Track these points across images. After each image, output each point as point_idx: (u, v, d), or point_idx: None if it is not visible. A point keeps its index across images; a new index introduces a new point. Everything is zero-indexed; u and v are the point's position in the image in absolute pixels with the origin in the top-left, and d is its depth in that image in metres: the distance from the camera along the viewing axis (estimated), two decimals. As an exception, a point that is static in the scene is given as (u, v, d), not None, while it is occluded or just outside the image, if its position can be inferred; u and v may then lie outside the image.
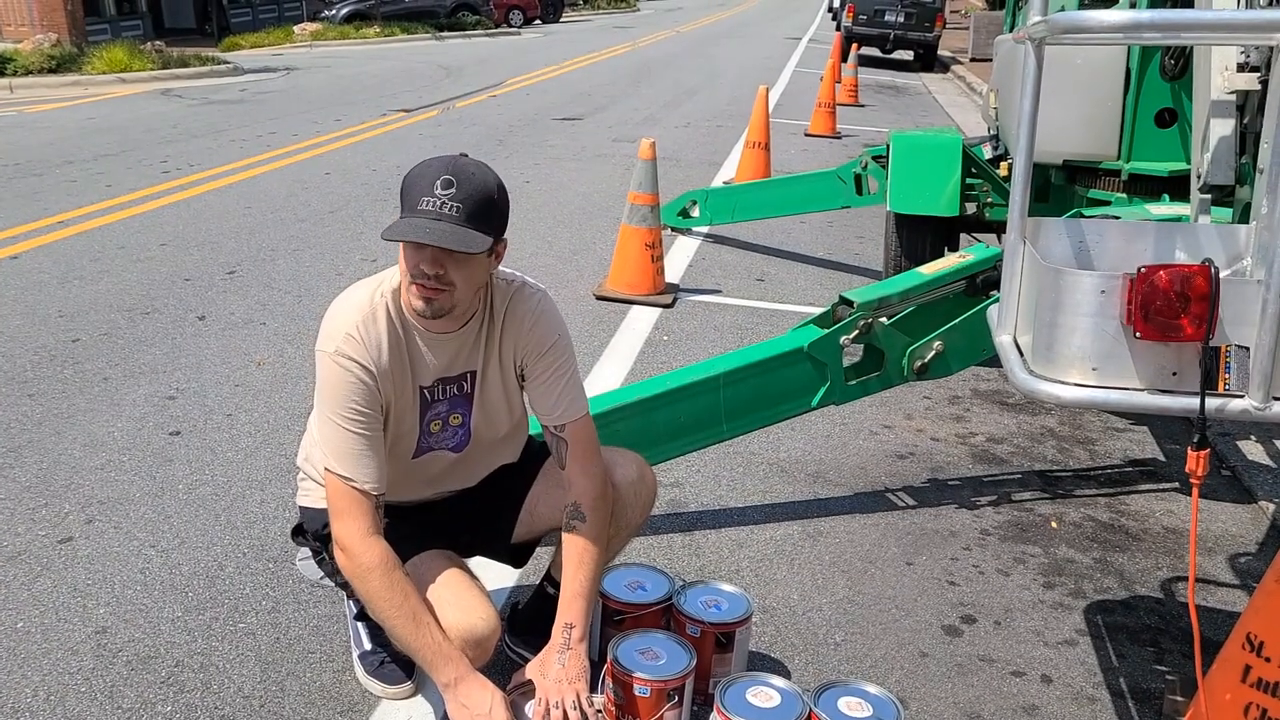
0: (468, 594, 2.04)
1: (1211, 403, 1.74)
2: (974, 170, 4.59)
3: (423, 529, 2.17)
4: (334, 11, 23.73)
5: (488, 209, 1.90)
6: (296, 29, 21.69)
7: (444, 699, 1.98)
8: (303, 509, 2.23)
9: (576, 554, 2.11)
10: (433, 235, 1.83)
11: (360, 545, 1.95)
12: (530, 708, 2.05)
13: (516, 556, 2.38)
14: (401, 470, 2.13)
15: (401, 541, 2.10)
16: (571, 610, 2.08)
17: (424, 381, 2.06)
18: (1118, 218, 3.23)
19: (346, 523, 1.96)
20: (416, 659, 1.99)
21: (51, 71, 13.43)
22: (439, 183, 1.86)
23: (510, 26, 26.46)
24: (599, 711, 2.04)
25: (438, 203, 1.85)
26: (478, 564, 2.33)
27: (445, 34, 23.02)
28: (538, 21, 28.54)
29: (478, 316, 2.07)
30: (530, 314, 2.10)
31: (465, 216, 1.86)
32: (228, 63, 15.41)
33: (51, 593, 2.58)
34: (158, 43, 16.27)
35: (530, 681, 2.08)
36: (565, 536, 2.13)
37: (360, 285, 2.05)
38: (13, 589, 2.58)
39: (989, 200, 4.64)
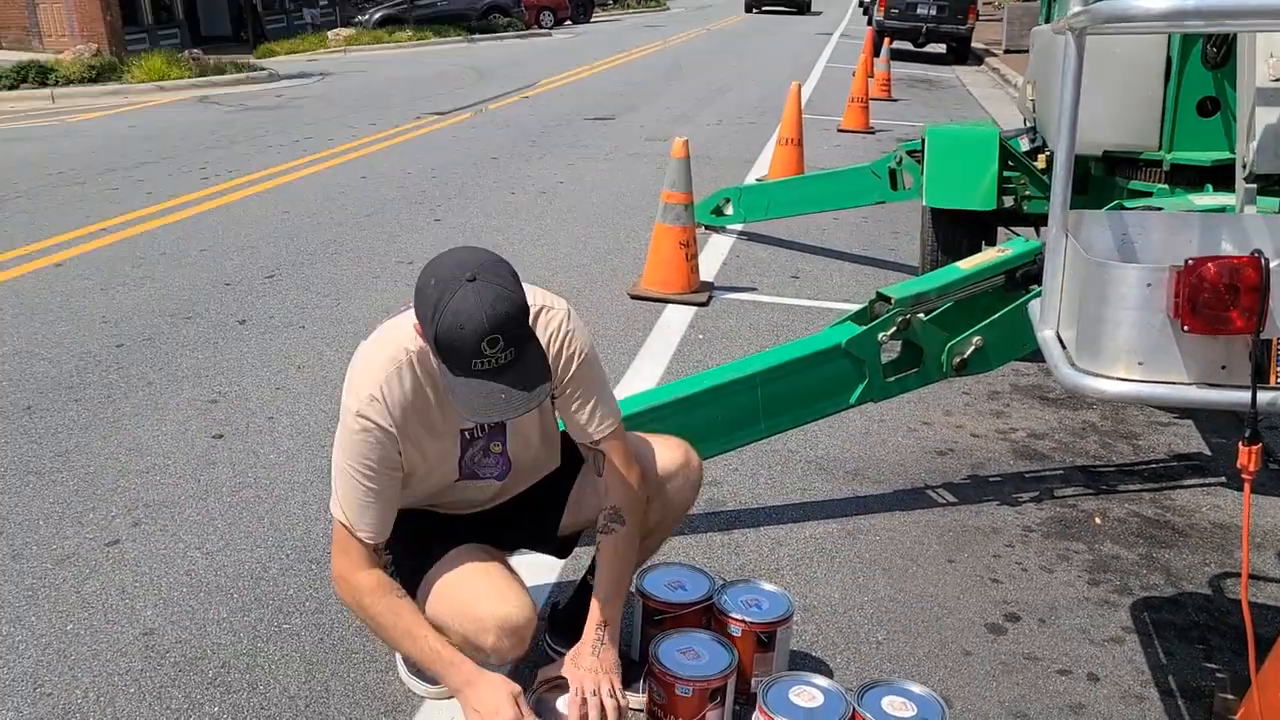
0: (503, 583, 2.06)
1: (1263, 397, 1.71)
2: (1011, 163, 4.53)
3: (467, 527, 2.20)
4: (367, 17, 23.93)
5: (525, 325, 1.85)
6: (330, 35, 21.89)
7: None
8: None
9: (611, 555, 2.12)
10: (511, 406, 1.80)
11: (353, 577, 2.02)
12: (562, 702, 2.06)
13: (561, 548, 2.40)
14: (451, 493, 2.17)
15: (443, 538, 2.13)
16: (605, 611, 2.10)
17: (466, 424, 2.07)
18: (1160, 209, 3.18)
19: (341, 559, 2.05)
20: (429, 672, 2.03)
21: (92, 81, 13.65)
22: (485, 344, 1.76)
23: (541, 28, 26.53)
24: (631, 707, 2.05)
25: (491, 361, 1.78)
26: (517, 562, 2.34)
27: (477, 36, 23.14)
28: (568, 22, 28.61)
29: None
30: (555, 338, 2.05)
31: (518, 355, 1.80)
32: (263, 69, 15.60)
33: (100, 595, 2.62)
34: (195, 51, 16.49)
35: (561, 677, 2.08)
36: (601, 539, 2.14)
37: (384, 341, 2.00)
38: (62, 591, 2.63)
39: (1026, 193, 4.58)
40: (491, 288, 1.77)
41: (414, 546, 2.15)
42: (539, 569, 2.60)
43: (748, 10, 36.10)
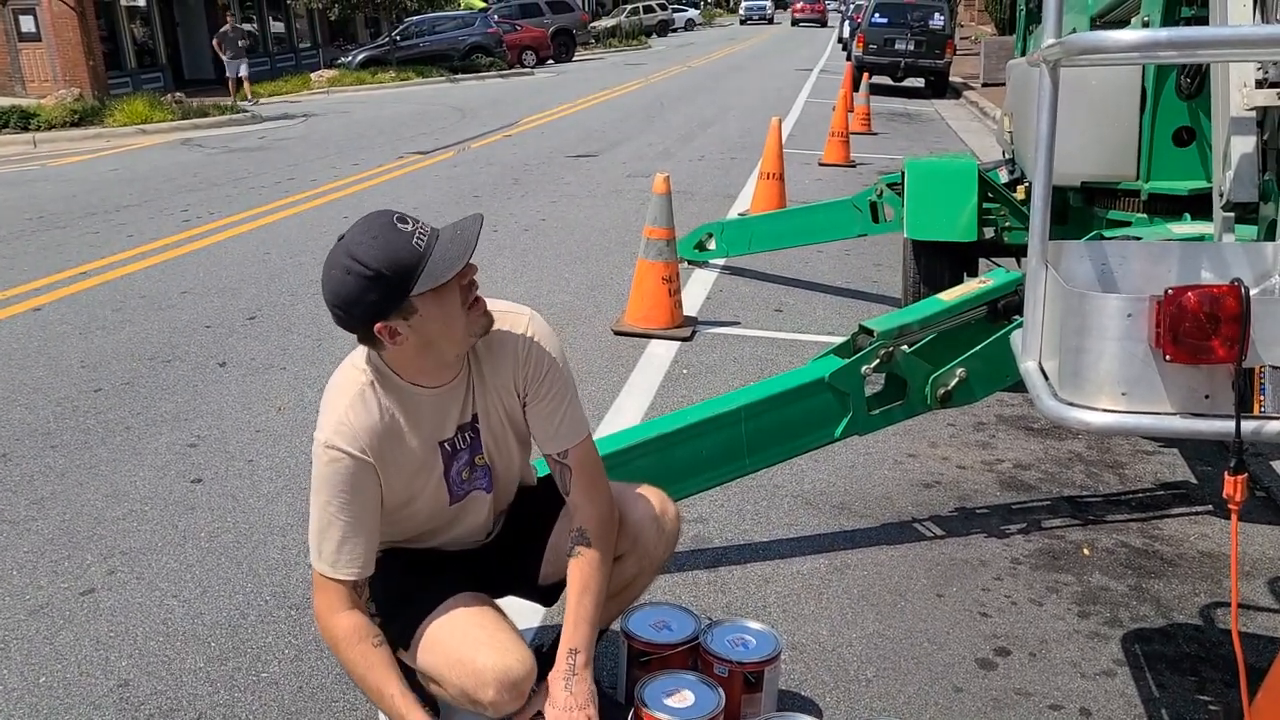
0: (502, 635, 2.01)
1: (1247, 425, 1.69)
2: (990, 195, 4.56)
3: (455, 571, 2.16)
4: (350, 58, 24.08)
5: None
6: (314, 76, 22.03)
7: None
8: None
9: (581, 579, 2.08)
10: (463, 240, 1.87)
11: (331, 620, 1.98)
12: None
13: (546, 596, 2.36)
14: (445, 519, 2.13)
15: (434, 583, 2.09)
16: (576, 636, 2.05)
17: (445, 435, 2.05)
18: (1139, 238, 3.19)
19: (320, 598, 2.01)
20: None
21: (74, 125, 13.68)
22: (395, 221, 1.87)
23: (524, 67, 26.72)
24: None
25: (419, 233, 1.87)
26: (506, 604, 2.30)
27: (460, 76, 23.28)
28: (550, 61, 28.82)
29: (466, 357, 2.05)
30: (523, 341, 2.06)
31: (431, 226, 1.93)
32: (246, 111, 15.63)
33: (74, 646, 2.56)
34: (178, 94, 16.56)
35: (538, 714, 2.03)
36: (570, 562, 2.10)
37: (343, 371, 2.03)
38: (35, 643, 2.57)
39: (1007, 224, 4.60)
40: (351, 231, 1.89)
41: (405, 594, 2.10)
42: (523, 613, 2.55)
43: (794, 25, 52.42)
